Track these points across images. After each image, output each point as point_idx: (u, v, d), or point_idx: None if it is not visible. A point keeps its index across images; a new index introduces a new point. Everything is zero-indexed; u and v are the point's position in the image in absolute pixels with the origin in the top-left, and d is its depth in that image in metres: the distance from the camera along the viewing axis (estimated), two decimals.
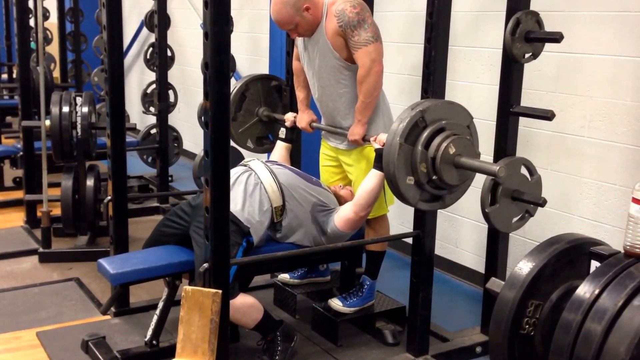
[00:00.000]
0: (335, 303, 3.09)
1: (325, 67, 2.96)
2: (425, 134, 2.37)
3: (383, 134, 2.74)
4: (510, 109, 2.84)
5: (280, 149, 3.33)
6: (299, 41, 3.10)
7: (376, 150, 2.80)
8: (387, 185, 2.55)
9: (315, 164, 3.39)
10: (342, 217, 2.91)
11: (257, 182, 2.88)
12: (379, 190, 2.84)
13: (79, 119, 4.04)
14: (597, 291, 1.70)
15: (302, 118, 3.27)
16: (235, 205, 2.77)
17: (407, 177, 2.38)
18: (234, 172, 2.93)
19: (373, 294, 3.17)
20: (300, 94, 3.28)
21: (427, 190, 2.45)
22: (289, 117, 3.32)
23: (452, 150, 2.38)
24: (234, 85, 3.42)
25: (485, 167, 2.38)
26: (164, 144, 5.20)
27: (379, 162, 2.74)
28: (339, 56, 2.90)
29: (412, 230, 2.86)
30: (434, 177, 2.39)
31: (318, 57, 2.97)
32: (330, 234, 2.94)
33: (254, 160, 3.05)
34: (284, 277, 3.43)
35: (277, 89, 3.59)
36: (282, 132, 3.34)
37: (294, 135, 3.37)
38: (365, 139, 2.92)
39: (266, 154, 3.73)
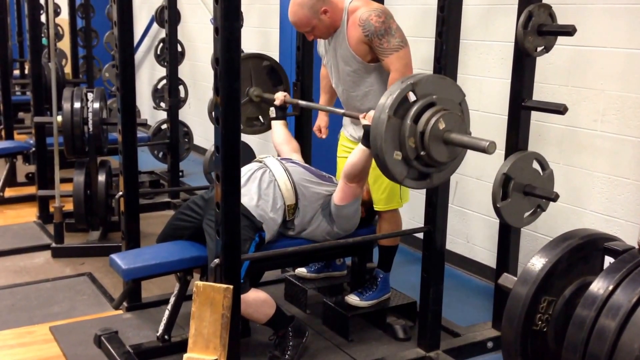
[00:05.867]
0: (353, 299, 3.10)
1: (349, 72, 2.97)
2: (414, 108, 2.28)
3: (373, 110, 2.68)
4: (522, 103, 2.82)
5: (280, 128, 3.31)
6: (320, 45, 3.13)
7: (364, 127, 2.75)
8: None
9: (326, 158, 3.40)
10: (336, 191, 2.92)
11: (271, 180, 2.89)
12: (363, 164, 2.78)
13: (90, 115, 4.05)
14: (611, 287, 1.68)
15: (318, 119, 3.39)
16: (250, 200, 2.78)
17: (395, 152, 2.29)
18: (249, 168, 2.94)
19: (388, 287, 3.18)
20: (322, 99, 3.39)
21: (414, 166, 2.36)
22: (278, 95, 3.32)
23: (441, 126, 2.29)
24: None
25: (474, 142, 2.28)
26: (174, 139, 5.21)
27: (366, 138, 2.69)
28: (361, 60, 2.91)
29: (422, 225, 2.85)
30: (422, 153, 2.31)
31: (340, 63, 2.98)
32: (335, 217, 2.92)
33: (269, 157, 3.06)
34: (301, 271, 3.43)
35: (269, 70, 3.56)
36: (272, 112, 3.34)
37: (285, 112, 3.37)
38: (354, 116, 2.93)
39: (255, 136, 3.78)
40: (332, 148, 3.37)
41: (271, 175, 2.91)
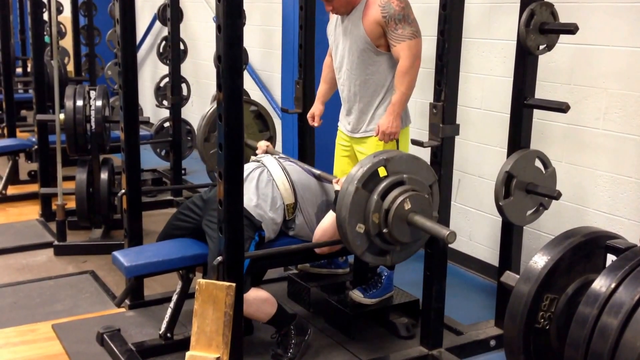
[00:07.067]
0: (357, 295, 3.09)
1: (356, 50, 2.99)
2: (383, 184, 2.30)
3: (345, 177, 2.60)
4: (524, 101, 2.82)
5: None
6: (331, 23, 3.15)
7: (336, 192, 2.73)
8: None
9: (329, 158, 3.39)
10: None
11: (269, 179, 2.88)
12: (332, 231, 2.73)
13: (92, 113, 4.05)
14: (613, 285, 1.68)
15: (313, 106, 3.39)
16: (249, 201, 2.78)
17: (358, 224, 2.30)
18: (247, 168, 2.93)
19: (392, 285, 3.18)
20: (321, 88, 3.39)
21: (375, 242, 2.36)
22: (261, 144, 3.31)
23: (407, 206, 2.30)
24: (211, 105, 3.38)
25: (436, 229, 2.29)
26: (177, 137, 5.22)
27: (335, 203, 2.59)
28: (371, 42, 2.93)
29: None
30: (385, 230, 2.31)
31: (349, 39, 3.00)
32: None
33: (266, 156, 3.05)
34: (304, 265, 3.43)
35: (256, 115, 3.54)
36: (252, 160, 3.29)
37: None
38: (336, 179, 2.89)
39: None
40: (333, 148, 3.37)
41: (269, 174, 2.90)
